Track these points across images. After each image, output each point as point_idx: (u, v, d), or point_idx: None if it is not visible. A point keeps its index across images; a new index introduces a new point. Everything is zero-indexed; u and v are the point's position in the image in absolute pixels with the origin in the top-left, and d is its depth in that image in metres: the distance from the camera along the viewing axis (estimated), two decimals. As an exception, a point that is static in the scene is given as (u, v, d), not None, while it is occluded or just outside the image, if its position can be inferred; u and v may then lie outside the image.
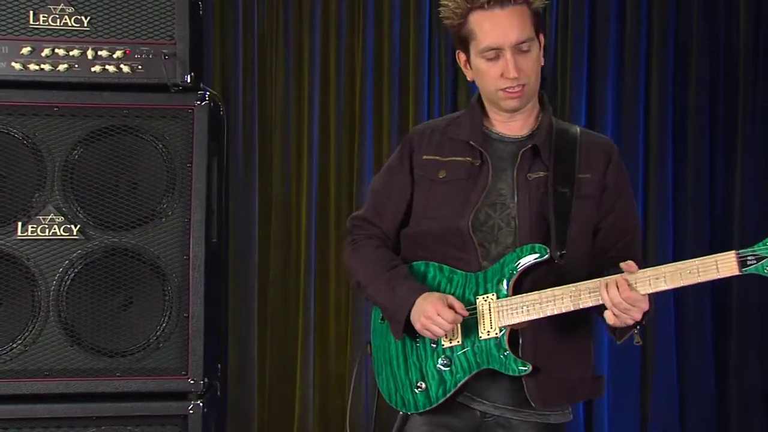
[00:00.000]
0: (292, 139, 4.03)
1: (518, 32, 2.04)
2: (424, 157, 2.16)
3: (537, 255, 2.02)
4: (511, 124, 2.15)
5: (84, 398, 2.45)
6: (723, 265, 1.88)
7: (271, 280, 4.03)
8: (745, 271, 1.87)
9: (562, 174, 2.08)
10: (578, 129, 2.18)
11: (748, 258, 1.87)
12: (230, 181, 3.87)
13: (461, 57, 2.16)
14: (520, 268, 2.03)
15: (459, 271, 2.09)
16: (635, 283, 1.92)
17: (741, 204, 3.97)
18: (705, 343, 4.02)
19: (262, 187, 4.02)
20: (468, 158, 2.11)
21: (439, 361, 2.07)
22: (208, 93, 2.55)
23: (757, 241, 1.87)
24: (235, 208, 3.94)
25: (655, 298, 1.97)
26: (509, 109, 2.11)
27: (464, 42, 2.10)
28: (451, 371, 2.06)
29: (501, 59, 2.04)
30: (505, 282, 2.03)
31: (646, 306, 1.93)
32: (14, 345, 2.43)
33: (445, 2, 2.11)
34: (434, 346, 2.08)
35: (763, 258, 1.86)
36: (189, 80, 2.49)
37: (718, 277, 1.89)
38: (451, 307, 2.01)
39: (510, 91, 2.06)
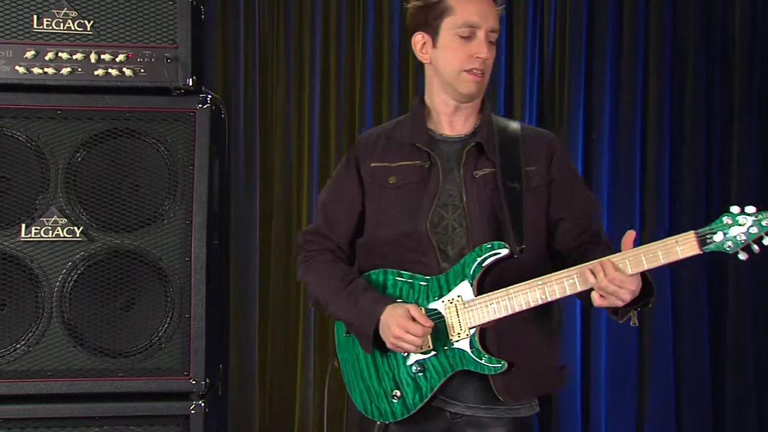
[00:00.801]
0: (293, 142, 4.05)
1: (493, 19, 2.10)
2: (372, 164, 2.16)
3: (498, 252, 2.02)
4: (455, 124, 2.16)
5: (87, 398, 2.47)
6: (684, 245, 1.89)
7: (272, 282, 4.05)
8: (706, 249, 1.89)
9: (509, 169, 2.09)
10: (518, 124, 2.19)
11: (707, 236, 1.89)
12: (231, 183, 3.89)
13: (420, 39, 2.15)
14: (482, 268, 2.02)
15: (420, 275, 2.08)
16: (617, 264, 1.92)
17: (738, 202, 3.98)
18: (701, 343, 4.04)
19: (263, 190, 4.05)
20: (416, 161, 2.12)
21: (413, 368, 2.06)
22: (209, 96, 2.57)
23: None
24: (236, 210, 3.96)
25: (658, 288, 1.98)
26: (467, 93, 2.11)
27: (435, 20, 2.10)
28: (425, 377, 2.06)
29: (474, 40, 2.07)
30: (468, 283, 2.03)
31: (632, 286, 1.92)
32: (18, 346, 2.46)
33: None
34: (405, 354, 2.07)
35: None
36: (191, 83, 2.51)
37: (681, 257, 1.90)
38: (414, 319, 1.99)
39: (474, 73, 2.08)
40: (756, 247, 1.88)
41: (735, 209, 1.90)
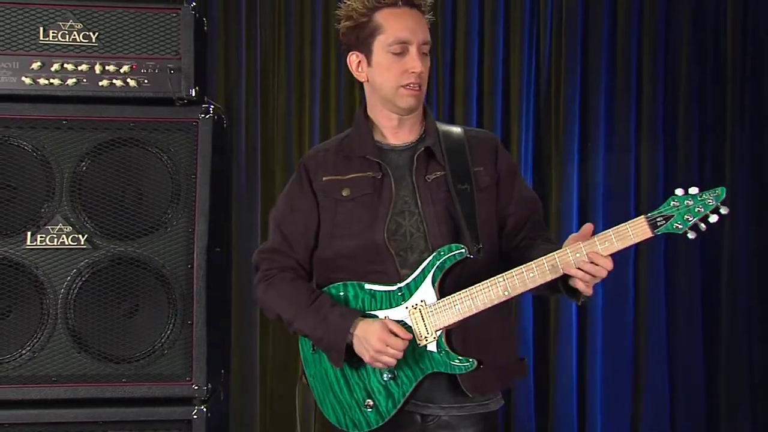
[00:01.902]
0: (294, 150, 4.09)
1: (424, 34, 2.12)
2: (324, 179, 2.17)
3: (455, 254, 2.05)
4: (400, 134, 2.19)
5: (91, 403, 2.50)
6: (636, 229, 1.96)
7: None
8: (657, 232, 1.96)
9: (459, 171, 2.13)
10: (460, 128, 2.23)
11: (657, 220, 1.96)
12: (233, 191, 3.93)
13: (355, 58, 2.17)
14: (442, 271, 2.05)
15: (380, 285, 2.09)
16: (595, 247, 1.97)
17: (731, 207, 4.02)
18: (696, 348, 4.08)
19: (264, 198, 4.09)
20: (368, 173, 2.14)
21: (384, 375, 2.08)
22: (212, 106, 2.60)
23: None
24: (238, 218, 4.00)
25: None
26: (406, 107, 2.13)
27: (366, 39, 2.12)
28: (396, 383, 2.07)
29: (407, 56, 2.09)
30: (429, 286, 2.05)
31: (610, 265, 1.97)
32: (23, 351, 2.50)
33: (349, 2, 2.14)
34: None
35: (670, 217, 1.96)
36: (194, 94, 2.56)
37: (635, 242, 1.96)
38: (392, 332, 2.01)
39: (411, 87, 2.10)
40: (703, 226, 1.96)
41: (679, 191, 1.98)
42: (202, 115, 2.57)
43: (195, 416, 2.51)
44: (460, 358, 2.04)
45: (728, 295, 4.04)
